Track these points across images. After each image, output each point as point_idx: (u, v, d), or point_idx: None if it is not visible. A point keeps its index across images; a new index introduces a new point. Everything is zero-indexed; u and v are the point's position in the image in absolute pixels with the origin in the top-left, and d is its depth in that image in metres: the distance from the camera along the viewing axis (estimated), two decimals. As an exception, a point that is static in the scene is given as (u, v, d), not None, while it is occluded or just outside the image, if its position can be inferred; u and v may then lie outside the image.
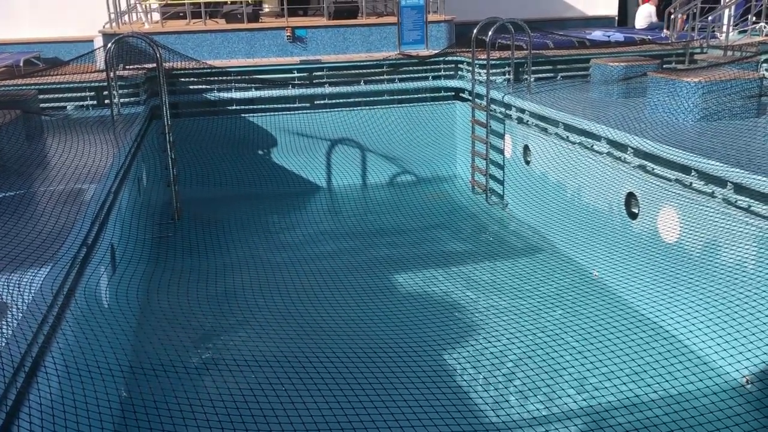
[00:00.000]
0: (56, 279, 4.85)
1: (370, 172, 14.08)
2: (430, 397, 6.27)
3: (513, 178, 12.00)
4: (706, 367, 6.88)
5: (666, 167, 8.03)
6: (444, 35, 14.39)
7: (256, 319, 7.81)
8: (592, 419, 6.25)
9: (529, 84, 12.39)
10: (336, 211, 12.91)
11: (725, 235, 7.10)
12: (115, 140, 9.22)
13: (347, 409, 5.63)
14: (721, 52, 13.26)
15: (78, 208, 6.23)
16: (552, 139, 10.62)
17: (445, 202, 13.13)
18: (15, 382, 3.73)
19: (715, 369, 6.84)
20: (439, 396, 6.42)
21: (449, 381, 6.93)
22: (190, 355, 7.31)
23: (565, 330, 7.87)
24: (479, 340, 7.67)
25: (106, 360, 5.08)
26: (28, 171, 7.60)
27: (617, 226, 9.01)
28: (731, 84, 9.08)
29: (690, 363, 6.96)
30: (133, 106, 11.60)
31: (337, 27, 14.01)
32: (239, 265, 10.09)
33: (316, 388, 6.24)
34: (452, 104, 14.15)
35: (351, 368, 6.42)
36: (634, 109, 10.03)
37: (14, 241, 5.33)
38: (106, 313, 6.31)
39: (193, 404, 5.52)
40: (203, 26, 13.93)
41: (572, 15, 19.10)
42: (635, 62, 11.49)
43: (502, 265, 10.01)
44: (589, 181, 9.66)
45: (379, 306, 8.37)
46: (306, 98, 13.58)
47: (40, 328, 4.31)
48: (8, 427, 3.50)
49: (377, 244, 11.03)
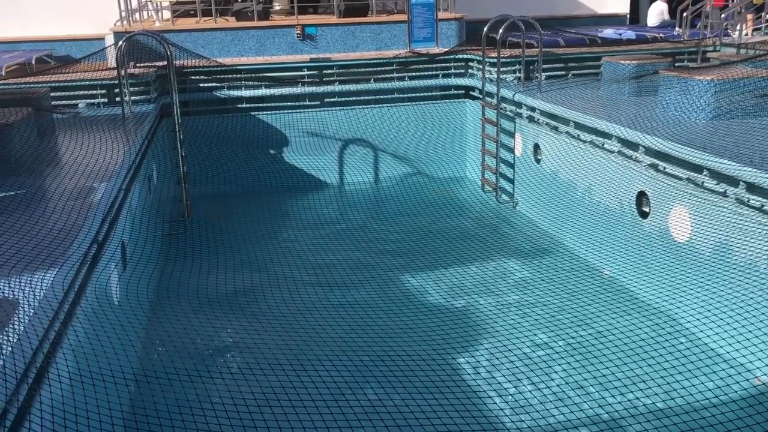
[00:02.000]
0: (67, 276, 4.87)
1: (380, 170, 14.07)
2: (442, 400, 6.23)
3: (523, 176, 11.96)
4: (724, 366, 6.82)
5: (677, 166, 7.97)
6: (454, 33, 14.35)
7: (267, 318, 7.81)
8: (606, 422, 6.22)
9: (539, 82, 12.35)
10: (345, 209, 12.91)
11: (737, 234, 7.04)
12: (125, 138, 9.25)
13: (359, 414, 5.61)
14: (734, 50, 13.16)
15: (89, 205, 6.26)
16: (563, 137, 10.57)
17: (455, 200, 13.11)
18: (26, 379, 3.75)
19: (728, 366, 6.79)
20: (450, 397, 6.38)
21: (460, 382, 6.90)
22: (200, 353, 7.32)
23: (576, 330, 7.82)
24: (489, 340, 7.64)
25: (117, 357, 5.10)
26: (40, 168, 7.64)
27: (628, 225, 8.96)
28: (744, 82, 9.01)
29: (702, 361, 6.90)
30: (144, 104, 11.64)
31: (347, 25, 14.00)
32: (249, 263, 10.10)
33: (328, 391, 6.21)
34: (462, 102, 14.12)
35: (363, 371, 6.40)
36: (645, 107, 9.97)
37: (26, 238, 5.36)
38: (116, 310, 6.33)
39: (203, 403, 5.53)
40: (214, 24, 13.95)
41: (583, 13, 18.99)
42: (647, 60, 11.43)
43: (512, 264, 9.97)
44: (600, 179, 9.61)
45: (389, 305, 8.35)
46: (316, 96, 13.58)
47: (51, 325, 4.32)
48: (20, 423, 3.51)
49: (387, 242, 11.02)
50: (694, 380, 6.52)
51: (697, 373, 6.62)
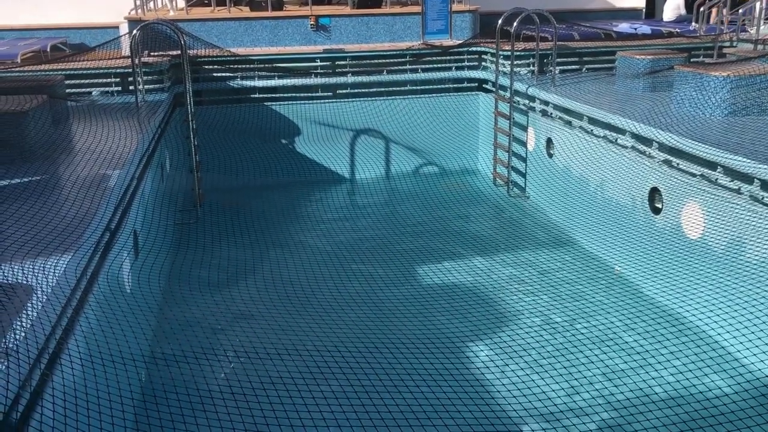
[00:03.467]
0: (80, 263, 4.91)
1: (391, 162, 14.06)
2: (456, 387, 6.26)
3: (535, 170, 11.92)
4: (736, 365, 6.79)
5: (691, 162, 7.92)
6: (468, 25, 14.29)
7: (276, 308, 7.84)
8: (611, 415, 6.22)
9: (553, 76, 12.28)
10: (358, 201, 12.92)
11: (751, 232, 6.99)
12: (139, 126, 9.29)
13: (364, 399, 5.64)
14: (751, 46, 13.03)
15: (102, 193, 6.29)
16: (576, 132, 10.52)
17: (467, 194, 13.08)
18: (39, 364, 3.78)
19: (738, 364, 6.76)
20: (458, 389, 6.41)
21: (470, 372, 6.91)
22: (211, 342, 7.36)
23: (586, 325, 7.82)
24: (499, 334, 7.64)
25: (128, 344, 5.14)
26: (54, 156, 7.68)
27: (640, 221, 8.92)
28: (760, 79, 8.92)
29: (713, 360, 6.88)
30: (157, 93, 11.67)
31: (360, 16, 13.97)
32: (260, 253, 10.14)
33: (335, 380, 6.25)
34: (475, 95, 14.07)
35: (370, 360, 6.42)
36: (660, 103, 9.90)
37: (39, 225, 5.40)
38: (128, 297, 6.38)
39: (213, 391, 5.58)
40: (227, 14, 13.96)
41: (599, 6, 18.86)
42: (662, 55, 11.33)
43: (523, 258, 9.95)
44: (613, 175, 9.56)
45: (399, 296, 8.38)
46: (329, 87, 13.57)
47: (64, 311, 4.36)
48: (32, 408, 3.55)
49: (398, 234, 11.02)
50: (704, 378, 6.51)
51: (708, 371, 6.61)
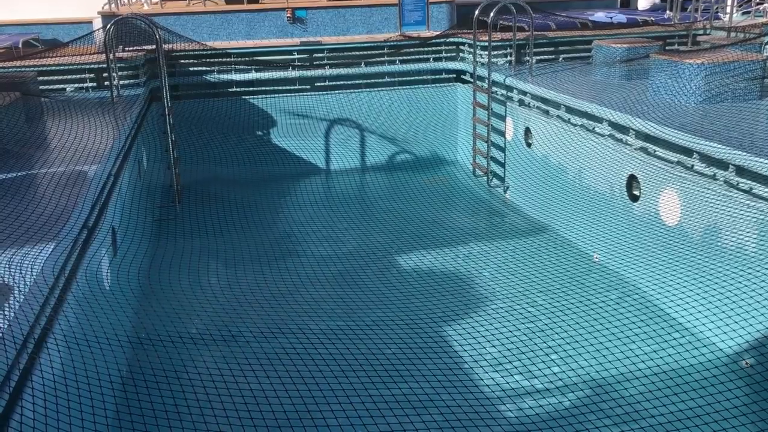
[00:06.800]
0: (57, 261, 4.85)
1: (370, 154, 14.04)
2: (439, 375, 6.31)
3: (514, 160, 11.97)
4: (708, 348, 6.90)
5: (668, 149, 8.00)
6: (445, 16, 14.29)
7: (257, 299, 7.82)
8: (587, 393, 6.34)
9: (530, 66, 12.32)
10: (336, 193, 12.89)
11: (726, 218, 7.09)
12: (115, 122, 9.18)
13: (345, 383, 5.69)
14: (725, 34, 13.17)
15: (78, 190, 6.22)
16: (553, 121, 10.58)
17: (446, 185, 13.11)
18: (18, 363, 3.74)
19: (712, 347, 6.87)
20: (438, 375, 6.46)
21: (447, 358, 6.96)
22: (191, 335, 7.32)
23: (564, 311, 7.89)
24: (478, 321, 7.68)
25: (108, 341, 5.10)
26: (28, 153, 7.57)
27: (618, 209, 9.00)
28: (734, 66, 9.02)
29: (686, 340, 6.98)
30: (133, 88, 11.55)
31: (337, 8, 13.91)
32: (239, 247, 10.10)
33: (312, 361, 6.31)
34: (453, 86, 14.08)
35: (348, 344, 6.49)
36: (636, 91, 9.98)
37: (15, 224, 5.33)
38: (107, 295, 6.32)
39: (194, 383, 5.55)
40: (203, 7, 13.83)
41: (575, -4, 18.91)
42: (638, 44, 11.42)
43: (503, 248, 10.01)
44: (591, 163, 9.63)
45: (378, 287, 8.39)
46: (306, 80, 13.51)
47: (42, 310, 4.32)
48: (12, 406, 3.52)
49: (377, 226, 11.02)
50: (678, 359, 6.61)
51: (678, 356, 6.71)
